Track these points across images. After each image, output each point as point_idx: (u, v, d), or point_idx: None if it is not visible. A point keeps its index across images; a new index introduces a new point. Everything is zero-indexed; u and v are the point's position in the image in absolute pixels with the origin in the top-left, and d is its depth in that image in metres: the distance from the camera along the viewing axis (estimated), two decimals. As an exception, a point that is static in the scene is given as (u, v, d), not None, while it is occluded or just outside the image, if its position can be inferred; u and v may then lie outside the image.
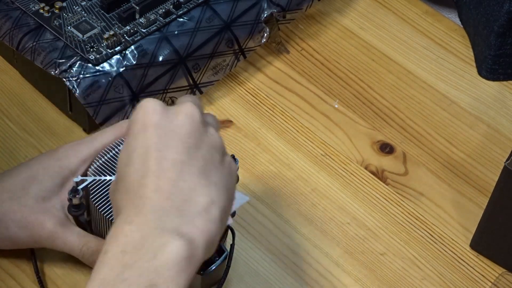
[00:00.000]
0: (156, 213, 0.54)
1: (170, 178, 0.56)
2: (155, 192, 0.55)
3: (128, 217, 0.55)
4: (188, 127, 0.58)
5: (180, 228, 0.54)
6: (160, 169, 0.56)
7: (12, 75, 0.86)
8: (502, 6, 0.85)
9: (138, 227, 0.54)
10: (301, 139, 0.83)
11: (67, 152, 0.70)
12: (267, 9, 0.85)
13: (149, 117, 0.58)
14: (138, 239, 0.53)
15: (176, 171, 0.56)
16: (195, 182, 0.56)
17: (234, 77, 0.88)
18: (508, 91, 0.89)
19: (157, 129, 0.57)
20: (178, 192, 0.55)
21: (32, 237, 0.67)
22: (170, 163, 0.56)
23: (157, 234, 0.53)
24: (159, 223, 0.54)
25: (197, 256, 0.54)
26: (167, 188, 0.55)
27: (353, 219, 0.78)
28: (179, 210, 0.55)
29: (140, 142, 0.57)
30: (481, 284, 0.74)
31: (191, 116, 0.58)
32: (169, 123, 0.57)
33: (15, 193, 0.68)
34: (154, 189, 0.55)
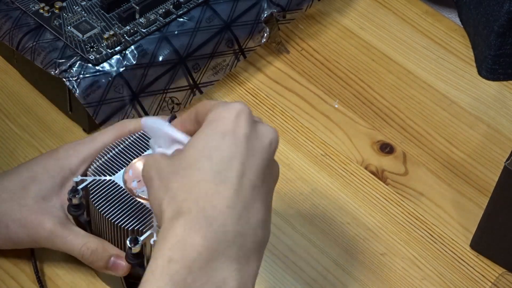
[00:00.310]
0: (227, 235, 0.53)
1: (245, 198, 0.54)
2: (229, 208, 0.53)
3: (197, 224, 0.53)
4: (268, 154, 0.56)
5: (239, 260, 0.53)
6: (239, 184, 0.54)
7: (12, 75, 0.86)
8: (502, 6, 0.85)
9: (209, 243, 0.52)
10: (301, 139, 0.83)
11: (67, 152, 0.70)
12: (267, 9, 0.85)
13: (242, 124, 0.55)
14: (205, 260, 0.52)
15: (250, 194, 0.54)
16: (262, 213, 0.55)
17: (234, 77, 0.88)
18: (508, 91, 0.89)
19: (247, 141, 0.55)
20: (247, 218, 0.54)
21: (32, 237, 0.67)
22: (248, 183, 0.54)
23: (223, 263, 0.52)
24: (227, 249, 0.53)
25: None
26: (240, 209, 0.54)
27: (353, 219, 0.78)
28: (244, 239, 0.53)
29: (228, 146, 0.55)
30: (481, 284, 0.74)
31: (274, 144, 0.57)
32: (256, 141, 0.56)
33: (15, 193, 0.68)
34: (228, 205, 0.53)
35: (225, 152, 0.54)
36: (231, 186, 0.54)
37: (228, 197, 0.53)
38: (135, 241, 0.64)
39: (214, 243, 0.52)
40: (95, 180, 0.67)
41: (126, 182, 0.67)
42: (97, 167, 0.68)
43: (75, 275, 0.71)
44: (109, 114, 0.78)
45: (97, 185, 0.67)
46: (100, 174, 0.68)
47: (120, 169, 0.68)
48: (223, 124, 0.55)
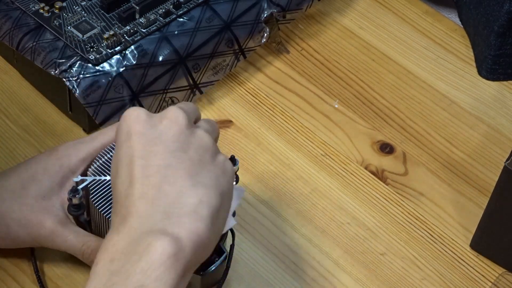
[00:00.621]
0: (142, 218, 0.55)
1: (154, 183, 0.56)
2: (140, 199, 0.55)
3: (115, 228, 0.55)
4: (172, 131, 0.58)
5: (165, 228, 0.54)
6: (144, 176, 0.56)
7: (12, 75, 0.86)
8: (502, 6, 0.85)
9: (124, 235, 0.54)
10: (301, 139, 0.83)
11: (67, 151, 0.70)
12: (267, 9, 0.85)
13: (133, 125, 0.58)
14: (125, 246, 0.54)
15: (161, 176, 0.56)
16: (182, 184, 0.56)
17: (234, 77, 0.88)
18: (508, 91, 0.89)
19: (140, 137, 0.57)
20: (164, 196, 0.56)
21: (32, 236, 0.67)
22: (155, 169, 0.56)
23: (142, 238, 0.54)
24: (144, 228, 0.54)
25: (184, 254, 0.53)
26: (151, 194, 0.55)
27: (353, 219, 0.78)
28: (166, 213, 0.55)
29: (125, 151, 0.58)
30: (481, 284, 0.74)
31: (175, 120, 0.59)
32: (152, 130, 0.58)
33: (15, 192, 0.68)
34: (139, 197, 0.55)
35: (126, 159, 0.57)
36: (136, 180, 0.56)
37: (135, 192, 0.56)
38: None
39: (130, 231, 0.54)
40: (95, 180, 0.67)
41: None
42: (97, 167, 0.68)
43: (75, 275, 0.71)
44: (109, 114, 0.78)
45: (97, 185, 0.67)
46: (100, 174, 0.68)
47: (120, 169, 0.68)
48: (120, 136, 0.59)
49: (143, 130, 0.58)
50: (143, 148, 0.57)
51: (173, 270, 0.53)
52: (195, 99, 0.84)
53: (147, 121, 0.58)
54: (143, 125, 0.58)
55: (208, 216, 0.56)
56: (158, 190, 0.56)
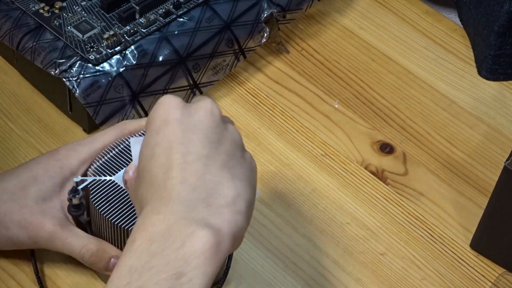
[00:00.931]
0: (183, 203, 0.55)
1: (195, 171, 0.56)
2: (181, 184, 0.56)
3: (155, 208, 0.55)
4: (209, 122, 0.58)
5: (207, 218, 0.54)
6: (185, 162, 0.56)
7: (12, 75, 0.86)
8: (502, 6, 0.85)
9: (166, 216, 0.54)
10: (301, 139, 0.83)
11: (67, 153, 0.70)
12: (267, 9, 0.85)
13: (171, 112, 0.58)
14: (165, 229, 0.54)
15: (201, 164, 0.56)
16: (220, 175, 0.57)
17: (234, 77, 0.88)
18: (508, 91, 0.89)
19: (180, 124, 0.58)
20: (204, 184, 0.56)
21: (32, 238, 0.67)
22: (195, 157, 0.57)
23: (185, 224, 0.54)
24: (186, 214, 0.54)
25: (224, 246, 0.54)
26: (193, 180, 0.56)
27: (353, 219, 0.78)
28: (206, 201, 0.55)
29: (163, 137, 0.57)
30: (481, 284, 0.74)
31: (211, 111, 0.59)
32: (190, 119, 0.58)
33: (15, 193, 0.68)
34: (180, 181, 0.56)
35: (163, 144, 0.57)
36: (177, 166, 0.56)
37: (176, 176, 0.56)
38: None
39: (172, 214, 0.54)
40: (95, 180, 0.67)
41: (126, 182, 0.67)
42: (97, 167, 0.68)
43: (75, 275, 0.71)
44: (109, 114, 0.78)
45: (97, 185, 0.67)
46: (100, 174, 0.68)
47: (120, 169, 0.68)
48: (156, 121, 0.59)
49: (182, 118, 0.58)
50: (183, 135, 0.57)
51: (212, 261, 0.53)
52: (195, 99, 0.84)
53: (184, 109, 0.59)
54: (181, 112, 0.58)
55: (245, 209, 0.57)
56: (199, 178, 0.56)
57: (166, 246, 0.53)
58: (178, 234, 0.53)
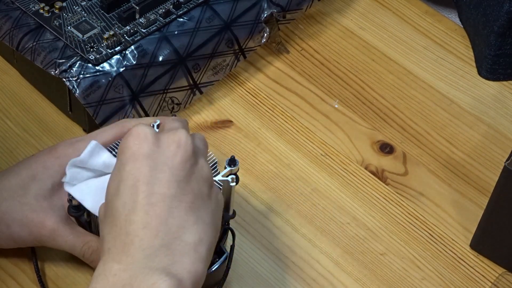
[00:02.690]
0: (145, 251, 0.54)
1: (159, 214, 0.55)
2: (143, 229, 0.55)
3: (116, 256, 0.55)
4: (179, 158, 0.57)
5: (168, 268, 0.54)
6: (149, 204, 0.55)
7: (12, 75, 0.86)
8: (502, 6, 0.85)
9: (127, 266, 0.54)
10: (301, 139, 0.83)
11: (67, 150, 0.70)
12: (267, 9, 0.85)
13: (140, 146, 0.57)
14: (127, 279, 0.53)
15: (165, 207, 0.56)
16: (184, 218, 0.56)
17: (234, 77, 0.88)
18: (508, 91, 0.89)
19: (148, 160, 0.57)
20: (167, 229, 0.55)
21: (33, 235, 0.67)
22: (160, 198, 0.56)
23: (146, 274, 0.53)
24: (147, 263, 0.54)
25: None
26: (155, 225, 0.55)
27: (353, 219, 0.78)
28: (168, 248, 0.55)
29: (129, 172, 0.57)
30: (481, 284, 0.74)
31: (184, 146, 0.58)
32: (160, 154, 0.57)
33: (15, 191, 0.68)
34: (142, 226, 0.55)
35: (129, 181, 0.56)
36: (140, 209, 0.55)
37: (139, 220, 0.55)
38: None
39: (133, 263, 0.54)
40: (95, 180, 0.67)
41: None
42: (97, 167, 0.68)
43: (75, 275, 0.71)
44: (109, 114, 0.78)
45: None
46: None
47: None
48: (125, 154, 0.57)
49: (151, 153, 0.57)
50: (149, 173, 0.56)
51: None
52: (195, 99, 0.84)
53: (155, 143, 0.57)
54: (150, 147, 0.57)
55: (206, 254, 0.56)
56: (162, 222, 0.55)
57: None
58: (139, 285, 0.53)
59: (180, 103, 0.83)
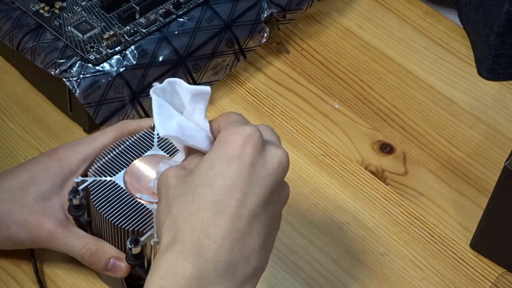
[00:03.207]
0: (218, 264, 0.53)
1: (241, 228, 0.54)
2: (223, 238, 0.53)
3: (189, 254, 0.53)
4: (276, 178, 0.55)
5: None
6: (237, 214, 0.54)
7: (12, 75, 0.86)
8: (502, 6, 0.85)
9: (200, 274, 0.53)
10: (301, 139, 0.83)
11: (67, 153, 0.70)
12: (267, 9, 0.85)
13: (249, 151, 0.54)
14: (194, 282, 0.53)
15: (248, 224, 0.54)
16: (257, 243, 0.55)
17: (234, 77, 0.88)
18: (508, 91, 0.89)
19: (252, 168, 0.54)
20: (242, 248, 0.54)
21: (32, 237, 0.67)
22: (247, 213, 0.54)
23: None
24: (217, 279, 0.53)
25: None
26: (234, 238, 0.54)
27: (353, 219, 0.78)
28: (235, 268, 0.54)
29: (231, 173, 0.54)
30: (481, 284, 0.74)
31: (284, 168, 0.56)
32: (263, 167, 0.55)
33: (15, 193, 0.68)
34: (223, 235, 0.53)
35: (228, 179, 0.54)
36: (228, 215, 0.54)
37: (223, 227, 0.53)
38: (136, 242, 0.64)
39: (205, 273, 0.53)
40: (96, 181, 0.67)
41: (126, 183, 0.67)
42: (97, 167, 0.68)
43: (75, 275, 0.71)
44: (109, 114, 0.78)
45: (97, 186, 0.67)
46: (100, 174, 0.68)
47: (121, 169, 0.68)
48: (230, 150, 0.55)
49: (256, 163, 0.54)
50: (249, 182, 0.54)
51: None
52: (195, 99, 0.84)
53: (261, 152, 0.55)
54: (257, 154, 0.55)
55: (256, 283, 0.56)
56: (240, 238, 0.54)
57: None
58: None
59: (180, 103, 0.83)
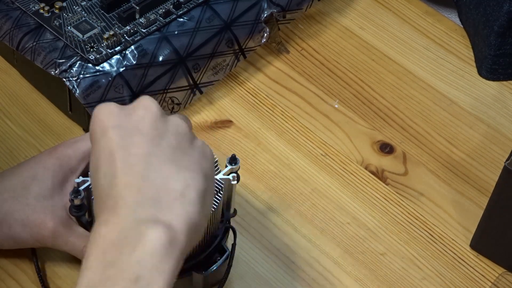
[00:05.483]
0: (130, 207, 0.54)
1: (138, 172, 0.55)
2: (125, 188, 0.55)
3: (103, 220, 0.54)
4: (147, 120, 0.57)
5: (155, 216, 0.53)
6: (127, 166, 0.55)
7: (12, 75, 0.86)
8: (502, 6, 0.85)
9: (114, 225, 0.53)
10: (301, 139, 0.83)
11: (66, 151, 0.70)
12: (267, 9, 0.85)
13: (106, 120, 0.57)
14: (115, 236, 0.53)
15: (144, 164, 0.55)
16: (166, 170, 0.56)
17: (234, 77, 0.88)
18: (508, 91, 0.89)
19: (117, 129, 0.57)
20: (149, 183, 0.55)
21: (35, 236, 0.67)
22: (136, 158, 0.56)
23: (134, 227, 0.53)
24: (134, 217, 0.53)
25: (179, 241, 0.53)
26: (137, 182, 0.55)
27: (353, 219, 0.78)
28: (154, 200, 0.54)
29: (104, 146, 0.57)
30: (481, 284, 0.74)
31: (149, 107, 0.58)
32: (128, 121, 0.57)
33: (16, 192, 0.68)
34: (124, 186, 0.55)
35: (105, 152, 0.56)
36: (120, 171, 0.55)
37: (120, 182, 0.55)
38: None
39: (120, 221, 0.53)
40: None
41: None
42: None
43: (76, 275, 0.71)
44: (109, 114, 0.78)
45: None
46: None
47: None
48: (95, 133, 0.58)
49: (119, 122, 0.57)
50: (122, 140, 0.56)
51: (169, 258, 0.52)
52: (195, 99, 0.84)
53: (120, 113, 0.58)
54: (117, 117, 0.58)
55: (196, 198, 0.55)
56: (144, 178, 0.55)
57: (119, 253, 0.52)
58: (128, 239, 0.52)
59: (180, 103, 0.83)
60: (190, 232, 0.54)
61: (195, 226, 0.55)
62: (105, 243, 0.53)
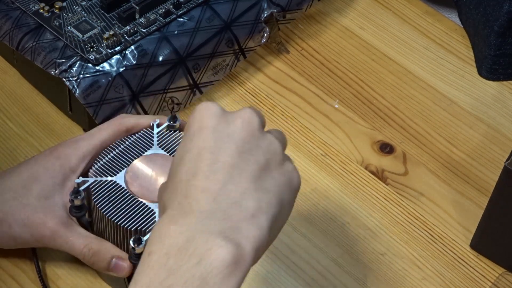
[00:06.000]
0: (202, 214, 0.54)
1: (219, 179, 0.55)
2: (202, 192, 0.54)
3: (173, 217, 0.54)
4: (244, 132, 0.57)
5: (225, 232, 0.53)
6: (211, 171, 0.55)
7: (12, 75, 0.86)
8: (502, 6, 0.85)
9: (183, 228, 0.53)
10: (301, 139, 0.83)
11: (66, 150, 0.70)
12: (267, 9, 0.85)
13: (207, 120, 0.57)
14: (183, 242, 0.52)
15: (227, 174, 0.55)
16: (245, 186, 0.55)
17: (234, 77, 0.88)
18: (508, 91, 0.89)
19: (214, 133, 0.57)
20: (226, 194, 0.55)
21: (35, 236, 0.67)
22: (222, 166, 0.55)
23: (202, 238, 0.52)
24: (204, 226, 0.53)
25: (244, 262, 0.52)
26: (215, 189, 0.55)
27: (353, 219, 0.78)
28: (225, 213, 0.54)
29: (195, 143, 0.57)
30: (481, 284, 0.74)
31: (249, 121, 0.58)
32: (226, 128, 0.57)
33: (17, 192, 0.68)
34: (201, 190, 0.54)
35: (195, 150, 0.56)
36: (202, 173, 0.55)
37: (200, 184, 0.55)
38: (139, 241, 0.64)
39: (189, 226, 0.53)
40: (97, 181, 0.67)
41: (127, 182, 0.67)
42: (98, 167, 0.68)
43: (76, 276, 0.71)
44: (109, 114, 0.78)
45: (98, 186, 0.67)
46: (101, 174, 0.68)
47: (121, 169, 0.68)
48: (191, 128, 0.58)
49: (217, 126, 0.57)
50: (214, 144, 0.56)
51: (232, 278, 0.52)
52: (195, 99, 0.84)
53: (222, 117, 0.58)
54: (217, 120, 0.58)
55: (266, 223, 0.55)
56: (222, 188, 0.55)
57: (183, 262, 0.51)
58: (196, 249, 0.52)
59: (180, 103, 0.83)
60: (255, 255, 0.54)
61: (261, 249, 0.54)
62: (171, 245, 0.52)
